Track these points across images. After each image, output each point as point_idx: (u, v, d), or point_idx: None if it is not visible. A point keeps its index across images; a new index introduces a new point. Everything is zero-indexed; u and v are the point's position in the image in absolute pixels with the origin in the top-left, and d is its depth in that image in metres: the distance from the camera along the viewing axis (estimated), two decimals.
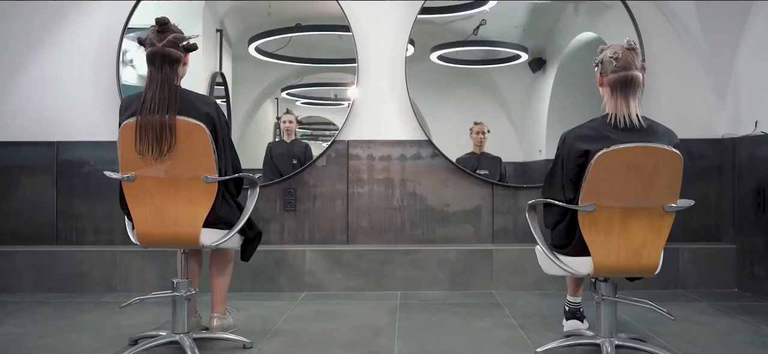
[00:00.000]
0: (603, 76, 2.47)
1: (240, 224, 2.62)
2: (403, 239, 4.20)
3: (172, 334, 2.61)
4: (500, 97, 4.76)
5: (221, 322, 2.85)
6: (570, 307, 2.90)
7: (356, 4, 4.24)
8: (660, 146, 2.31)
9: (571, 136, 2.47)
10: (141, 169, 2.44)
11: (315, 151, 4.42)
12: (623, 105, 2.40)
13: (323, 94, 4.97)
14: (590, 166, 2.32)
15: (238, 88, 4.62)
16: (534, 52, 4.66)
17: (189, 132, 2.41)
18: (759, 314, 3.32)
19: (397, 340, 2.86)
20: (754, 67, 3.91)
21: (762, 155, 3.74)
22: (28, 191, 4.14)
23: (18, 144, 4.10)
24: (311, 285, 3.96)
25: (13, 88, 4.16)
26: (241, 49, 4.62)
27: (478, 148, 4.46)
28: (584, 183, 2.34)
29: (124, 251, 3.96)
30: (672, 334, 2.92)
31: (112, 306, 3.57)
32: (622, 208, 2.36)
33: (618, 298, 2.53)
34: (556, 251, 2.55)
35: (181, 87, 2.54)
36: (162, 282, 3.89)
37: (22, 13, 4.20)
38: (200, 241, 2.52)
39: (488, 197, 4.22)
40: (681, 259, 3.98)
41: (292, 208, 4.20)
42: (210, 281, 2.86)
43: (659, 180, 2.33)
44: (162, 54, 2.47)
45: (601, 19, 4.40)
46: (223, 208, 2.59)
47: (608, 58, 2.43)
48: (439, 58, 4.62)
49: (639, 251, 2.39)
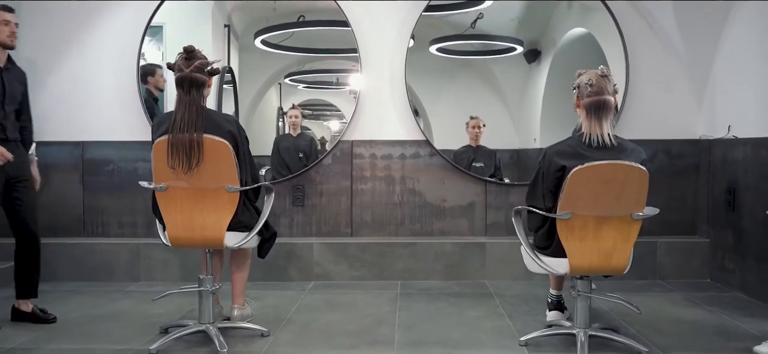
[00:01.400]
0: (579, 99, 2.79)
1: (258, 226, 2.96)
2: (403, 232, 4.54)
3: (199, 324, 2.96)
4: (497, 87, 5.05)
5: (241, 312, 3.20)
6: (552, 299, 3.24)
7: (359, 4, 4.49)
8: (628, 163, 2.64)
9: (551, 153, 2.79)
10: (172, 181, 2.78)
11: (315, 130, 4.77)
12: (597, 126, 2.72)
13: (325, 79, 5.29)
14: (567, 179, 2.64)
15: (244, 77, 4.91)
16: (529, 44, 4.94)
17: (214, 148, 2.74)
18: (725, 305, 3.66)
19: (398, 329, 3.22)
20: (728, 74, 4.21)
21: (733, 157, 4.06)
22: (57, 187, 4.47)
23: (47, 143, 4.42)
24: (319, 275, 4.31)
25: (42, 90, 4.46)
26: (247, 41, 4.90)
27: (474, 141, 4.77)
28: (562, 194, 2.67)
29: (147, 243, 4.31)
30: (643, 323, 3.27)
31: (138, 295, 3.92)
32: (595, 217, 2.69)
33: (592, 294, 2.87)
34: (539, 251, 2.89)
35: (206, 107, 2.85)
36: (183, 272, 4.25)
37: (50, 19, 4.49)
38: (224, 244, 2.86)
39: (482, 193, 4.55)
40: (658, 251, 4.32)
41: (300, 203, 4.53)
42: (230, 276, 3.21)
43: (628, 192, 2.66)
44: (190, 79, 2.79)
45: (591, 18, 4.65)
46: (244, 213, 2.92)
47: (584, 84, 2.75)
48: (437, 50, 4.90)
49: (610, 254, 2.73)
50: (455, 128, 4.87)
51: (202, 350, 2.88)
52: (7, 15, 3.28)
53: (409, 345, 2.97)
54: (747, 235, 3.87)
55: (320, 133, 5.27)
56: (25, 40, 4.46)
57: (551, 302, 3.24)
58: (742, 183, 3.94)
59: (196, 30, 4.89)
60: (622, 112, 4.46)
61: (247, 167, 2.93)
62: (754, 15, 3.89)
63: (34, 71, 4.46)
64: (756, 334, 3.11)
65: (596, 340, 2.91)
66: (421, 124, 4.62)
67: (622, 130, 4.51)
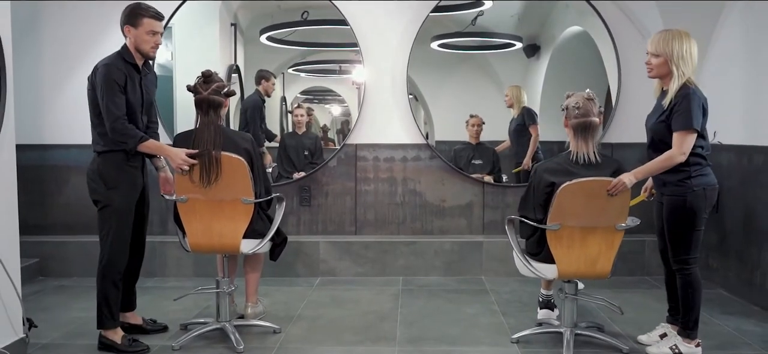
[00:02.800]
0: (567, 120, 3.01)
1: (270, 233, 3.20)
2: (404, 231, 4.79)
3: (217, 322, 3.22)
4: (497, 81, 5.26)
5: (253, 310, 3.45)
6: (543, 298, 3.49)
7: (362, 5, 4.68)
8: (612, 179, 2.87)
9: (540, 169, 3.02)
10: (193, 193, 3.01)
11: (318, 114, 5.10)
12: (583, 145, 2.95)
13: (328, 68, 5.53)
14: (556, 194, 2.87)
15: (249, 70, 5.09)
16: (529, 39, 5.14)
17: (231, 164, 2.98)
18: (707, 303, 3.87)
19: (399, 326, 3.47)
20: (715, 83, 4.41)
21: (718, 162, 4.25)
22: (76, 188, 4.69)
23: (67, 146, 4.65)
24: (325, 271, 4.56)
25: (61, 94, 4.68)
26: (252, 36, 5.11)
27: (475, 139, 4.98)
28: (551, 207, 2.90)
29: (161, 241, 4.56)
30: (626, 321, 3.51)
31: (156, 291, 4.17)
32: (582, 227, 2.93)
33: (578, 296, 3.12)
34: (530, 257, 3.13)
35: (223, 126, 3.08)
36: (196, 269, 4.50)
37: (71, 22, 4.65)
38: (240, 250, 3.11)
39: (480, 194, 4.79)
40: (646, 249, 4.56)
41: (307, 203, 4.77)
42: (245, 276, 3.46)
43: (611, 205, 2.89)
44: (208, 101, 3.01)
45: (587, 18, 4.83)
46: (258, 222, 3.16)
47: (572, 106, 2.97)
48: (439, 45, 5.10)
49: (594, 261, 2.98)
50: (456, 121, 5.08)
51: (220, 346, 3.14)
52: (156, 25, 3.04)
53: (410, 341, 3.23)
54: (729, 235, 4.12)
55: (322, 120, 5.52)
56: (47, 42, 4.68)
57: (542, 301, 3.49)
58: (725, 186, 4.16)
59: (205, 29, 5.09)
60: (615, 114, 4.68)
61: (260, 180, 3.16)
62: (737, 32, 4.10)
63: (55, 74, 4.69)
64: (731, 332, 3.37)
65: (582, 339, 3.17)
66: (423, 115, 4.82)
67: (614, 132, 4.75)
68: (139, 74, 3.10)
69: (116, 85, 2.95)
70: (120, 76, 2.97)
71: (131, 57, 3.06)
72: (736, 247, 4.05)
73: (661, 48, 2.86)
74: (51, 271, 4.52)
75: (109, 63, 3.01)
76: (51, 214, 4.73)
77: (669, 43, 2.84)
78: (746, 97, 4.01)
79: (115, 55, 3.06)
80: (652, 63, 2.91)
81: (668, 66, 2.85)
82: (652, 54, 2.91)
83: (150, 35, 3.04)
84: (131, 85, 3.03)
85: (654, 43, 2.90)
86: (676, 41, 2.84)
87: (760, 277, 3.76)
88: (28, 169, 4.46)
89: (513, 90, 5.07)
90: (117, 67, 3.00)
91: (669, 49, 2.84)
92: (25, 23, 4.55)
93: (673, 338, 3.05)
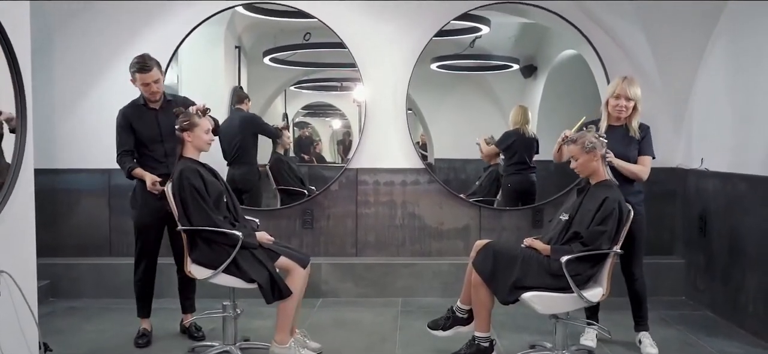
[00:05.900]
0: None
1: (223, 266, 3.15)
2: (403, 253, 4.94)
3: (223, 345, 3.36)
4: (495, 100, 5.43)
5: (272, 350, 3.30)
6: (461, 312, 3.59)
7: (363, 33, 4.83)
8: None
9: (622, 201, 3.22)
10: None
11: (319, 128, 5.46)
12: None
13: (328, 86, 5.72)
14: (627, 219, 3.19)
15: (252, 90, 5.25)
16: (526, 60, 5.31)
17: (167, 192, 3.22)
18: (694, 324, 4.07)
19: (398, 347, 3.62)
20: (702, 111, 4.59)
21: (705, 187, 4.45)
22: (86, 211, 4.86)
23: (77, 171, 4.82)
24: (326, 292, 4.71)
25: (70, 118, 4.84)
26: (256, 57, 5.30)
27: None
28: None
29: (167, 264, 4.66)
30: (617, 342, 3.66)
31: (162, 312, 4.28)
32: None
33: (569, 320, 3.27)
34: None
35: (186, 157, 3.32)
36: (204, 291, 4.61)
37: (81, 48, 4.81)
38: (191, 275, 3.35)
39: (476, 217, 4.95)
40: None
41: (309, 225, 4.93)
42: None
43: None
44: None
45: (581, 42, 4.93)
46: (204, 251, 3.25)
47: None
48: (438, 66, 5.28)
49: None
50: (454, 138, 5.31)
51: None
52: (144, 77, 3.45)
53: None
54: (715, 258, 4.27)
55: (323, 132, 5.74)
56: (56, 67, 4.83)
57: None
58: (712, 211, 4.33)
59: (210, 52, 5.26)
60: None
61: (192, 211, 3.22)
62: (723, 62, 4.28)
63: (64, 99, 4.85)
64: (716, 353, 3.52)
65: None
66: (421, 131, 4.99)
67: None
68: (152, 111, 3.63)
69: (120, 126, 3.62)
70: (124, 120, 3.61)
71: (142, 99, 3.64)
72: (721, 270, 4.20)
73: (632, 93, 3.45)
74: (62, 292, 4.65)
75: (122, 108, 3.66)
76: (62, 235, 4.87)
77: (636, 89, 3.47)
78: (733, 127, 4.18)
79: (132, 101, 3.68)
80: (628, 106, 3.47)
81: (636, 107, 3.49)
82: (631, 98, 3.44)
83: (143, 86, 3.54)
84: (142, 123, 3.61)
85: (632, 90, 3.43)
86: (638, 87, 3.48)
87: (745, 300, 3.92)
88: (39, 192, 4.58)
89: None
90: (125, 112, 3.64)
91: (637, 94, 3.47)
92: (36, 49, 4.69)
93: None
